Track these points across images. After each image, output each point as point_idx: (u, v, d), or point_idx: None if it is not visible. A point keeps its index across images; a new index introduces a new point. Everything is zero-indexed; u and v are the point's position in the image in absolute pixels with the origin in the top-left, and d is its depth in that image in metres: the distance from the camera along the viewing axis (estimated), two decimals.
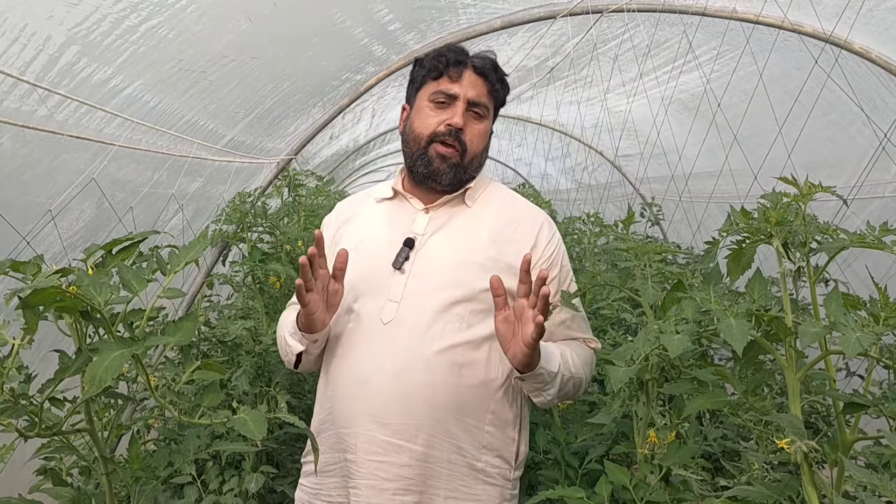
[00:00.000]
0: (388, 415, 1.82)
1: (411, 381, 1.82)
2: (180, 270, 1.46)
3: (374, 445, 1.82)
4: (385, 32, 3.80)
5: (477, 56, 1.98)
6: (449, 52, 1.96)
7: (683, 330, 1.67)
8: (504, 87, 2.03)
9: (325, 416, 1.95)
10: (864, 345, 1.44)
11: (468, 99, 1.92)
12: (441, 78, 1.94)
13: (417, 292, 1.88)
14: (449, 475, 1.86)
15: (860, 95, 4.28)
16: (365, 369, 1.85)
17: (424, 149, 1.94)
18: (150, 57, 2.41)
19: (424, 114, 1.95)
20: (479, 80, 1.95)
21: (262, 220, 3.90)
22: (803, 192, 1.73)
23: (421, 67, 2.00)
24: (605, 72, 5.56)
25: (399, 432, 1.82)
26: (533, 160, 11.04)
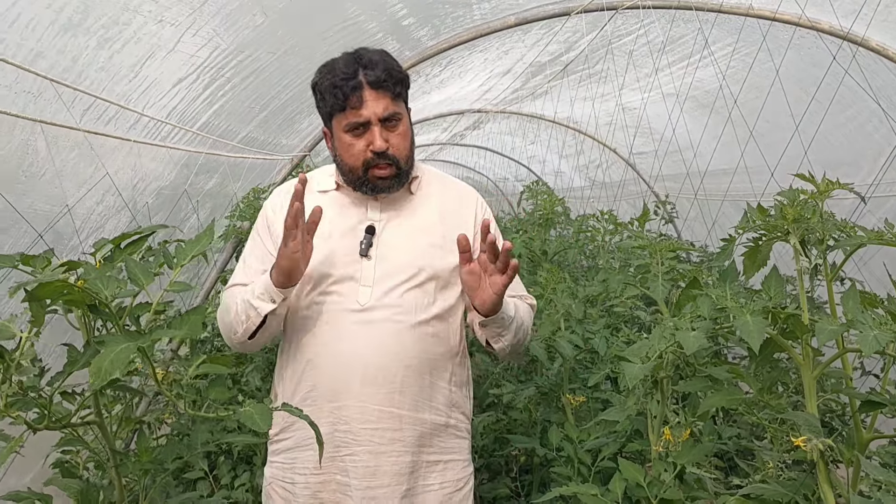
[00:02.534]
0: (377, 386, 2.00)
1: (393, 355, 2.02)
2: (186, 264, 1.45)
3: (367, 414, 2.00)
4: (399, 27, 3.78)
5: (367, 66, 2.01)
6: (343, 81, 1.99)
7: (699, 327, 1.66)
8: (404, 85, 2.08)
9: (308, 394, 2.04)
10: (881, 343, 1.42)
11: (379, 118, 2.00)
12: (346, 109, 2.00)
13: (387, 275, 2.05)
14: (432, 433, 2.08)
15: (878, 93, 4.24)
16: (349, 349, 2.01)
17: (364, 176, 2.05)
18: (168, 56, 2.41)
19: (346, 144, 2.04)
20: (379, 93, 2.00)
21: None
22: (821, 189, 1.71)
23: (322, 99, 2.05)
24: (620, 68, 5.52)
25: (387, 400, 2.01)
26: (546, 157, 11.00)
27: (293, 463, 2.06)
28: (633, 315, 3.68)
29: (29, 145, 2.19)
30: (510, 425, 3.67)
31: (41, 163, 2.28)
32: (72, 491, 1.54)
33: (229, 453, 3.36)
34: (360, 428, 2.00)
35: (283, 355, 2.13)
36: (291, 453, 2.06)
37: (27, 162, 2.24)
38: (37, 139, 2.19)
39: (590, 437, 2.77)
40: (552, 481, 2.90)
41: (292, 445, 2.06)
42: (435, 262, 2.08)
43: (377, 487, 2.01)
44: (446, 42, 4.22)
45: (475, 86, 6.55)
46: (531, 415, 3.59)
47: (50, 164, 2.30)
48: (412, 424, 2.04)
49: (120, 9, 2.20)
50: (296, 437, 2.05)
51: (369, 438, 2.01)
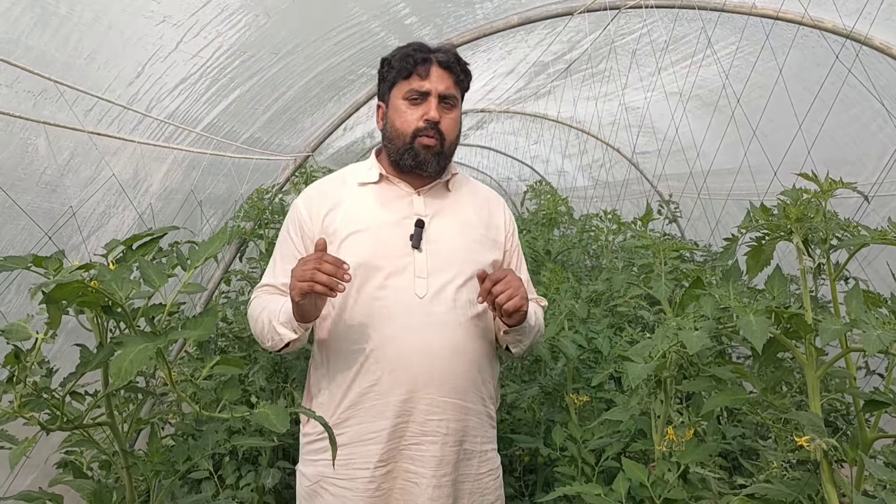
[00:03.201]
0: (442, 378, 2.07)
1: (457, 348, 2.09)
2: (200, 265, 1.47)
3: (435, 406, 2.07)
4: (402, 27, 3.79)
5: (440, 51, 2.15)
6: (415, 51, 2.12)
7: (702, 327, 1.67)
8: (467, 76, 2.20)
9: (370, 388, 2.06)
10: (885, 342, 1.43)
11: (439, 93, 2.11)
12: (411, 77, 2.11)
13: (439, 269, 2.10)
14: (478, 423, 2.17)
15: (882, 92, 4.24)
16: (415, 340, 2.05)
17: (410, 143, 2.11)
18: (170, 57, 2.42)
19: (402, 111, 2.12)
20: (445, 73, 2.12)
21: (280, 217, 3.92)
22: (824, 188, 1.72)
23: (390, 68, 2.16)
24: (623, 67, 5.53)
25: (455, 392, 2.09)
26: (550, 157, 11.00)
27: (351, 458, 2.07)
28: (637, 315, 3.70)
29: (29, 144, 2.20)
30: (514, 425, 3.68)
31: (41, 161, 2.29)
32: (85, 491, 1.56)
33: (234, 454, 3.37)
34: (426, 419, 2.07)
35: (330, 351, 2.13)
36: (347, 449, 2.07)
37: (27, 161, 2.24)
38: (38, 138, 2.20)
39: (593, 436, 2.78)
40: (556, 481, 2.91)
41: (348, 441, 2.07)
42: (479, 258, 2.17)
43: (443, 476, 2.09)
44: (449, 42, 4.23)
45: (478, 86, 6.56)
46: (535, 414, 3.60)
47: (51, 163, 2.31)
48: (468, 415, 2.13)
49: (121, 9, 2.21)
50: (351, 433, 2.07)
51: (436, 429, 2.08)
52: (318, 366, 2.17)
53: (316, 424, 2.12)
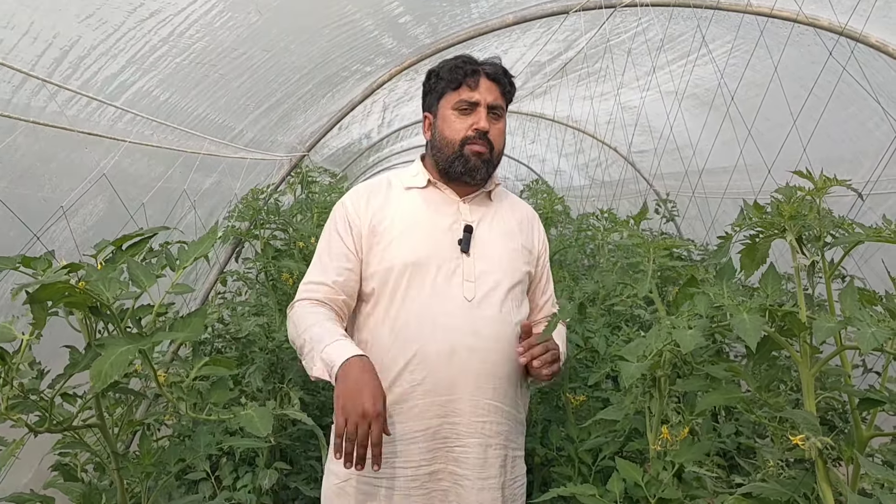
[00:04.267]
0: (489, 381, 2.11)
1: (501, 351, 2.13)
2: (189, 266, 1.45)
3: (480, 408, 2.10)
4: (396, 25, 3.78)
5: (487, 63, 2.22)
6: (464, 63, 2.18)
7: (696, 325, 1.66)
8: (513, 88, 2.27)
9: (414, 387, 2.07)
10: (879, 340, 1.42)
11: (488, 103, 2.17)
12: (460, 88, 2.17)
13: (486, 273, 2.17)
14: (514, 428, 2.21)
15: (878, 90, 4.23)
16: (463, 342, 2.08)
17: (459, 151, 2.17)
18: (160, 50, 2.40)
19: (451, 121, 2.18)
20: (493, 85, 2.19)
21: (275, 217, 3.91)
22: (818, 185, 1.71)
23: (438, 79, 2.22)
24: (619, 66, 5.52)
25: (497, 396, 2.13)
26: (546, 156, 11.00)
27: (393, 458, 2.07)
28: (634, 314, 3.69)
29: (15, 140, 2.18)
30: None
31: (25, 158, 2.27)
32: (74, 494, 1.55)
33: (231, 454, 3.36)
34: (471, 420, 2.09)
35: (373, 347, 2.11)
36: (388, 447, 2.03)
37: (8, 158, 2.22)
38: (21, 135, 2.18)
39: (590, 436, 2.77)
40: (553, 481, 2.91)
41: (389, 440, 2.04)
42: (520, 266, 2.25)
43: (487, 479, 2.11)
44: (444, 41, 4.22)
45: None
46: (532, 414, 3.59)
47: (35, 160, 2.30)
48: (508, 420, 2.16)
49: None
50: (397, 430, 2.07)
51: (480, 430, 2.10)
52: (371, 344, 2.14)
53: None
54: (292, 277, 3.86)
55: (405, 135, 10.15)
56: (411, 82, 5.60)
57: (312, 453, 3.84)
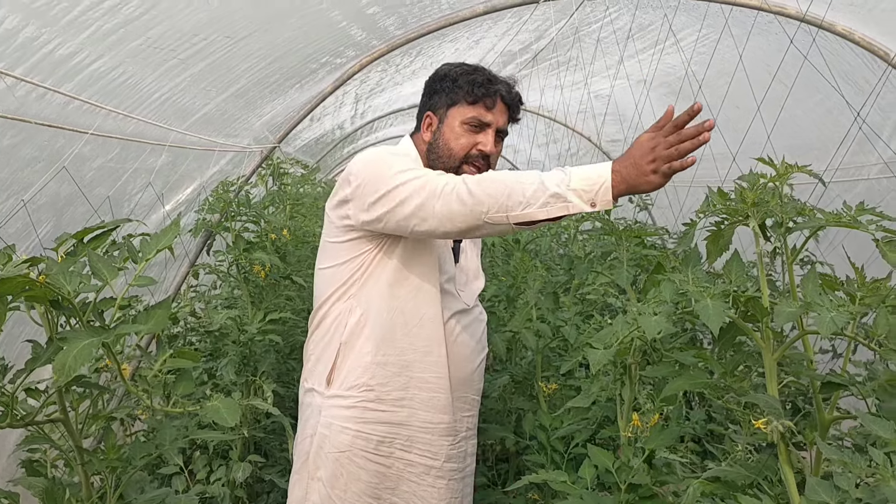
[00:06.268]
0: (478, 378, 2.33)
1: (482, 354, 2.34)
2: (152, 259, 1.44)
3: (467, 403, 2.29)
4: (364, 16, 3.76)
5: (504, 83, 2.22)
6: (488, 82, 2.17)
7: (661, 312, 1.67)
8: (519, 113, 2.30)
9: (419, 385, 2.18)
10: (838, 324, 1.44)
11: (498, 127, 2.20)
12: (477, 104, 2.16)
13: (469, 280, 2.36)
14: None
15: (846, 77, 4.27)
16: (471, 345, 2.28)
17: (456, 168, 2.16)
18: (115, 34, 2.34)
19: (458, 134, 2.17)
20: (506, 108, 2.22)
21: (247, 210, 3.89)
22: (780, 172, 1.73)
23: (454, 86, 2.19)
24: (589, 56, 5.53)
25: (477, 391, 2.34)
26: (520, 146, 11.02)
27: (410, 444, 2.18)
28: (607, 302, 3.71)
29: None
30: (485, 414, 3.69)
31: None
32: (36, 489, 1.53)
33: (205, 448, 3.35)
34: (462, 416, 2.26)
35: (382, 340, 2.14)
36: (406, 430, 2.17)
37: None
38: None
39: (563, 424, 2.79)
40: (527, 469, 2.92)
41: (404, 421, 2.17)
42: (482, 274, 2.46)
43: (467, 468, 2.31)
44: (415, 31, 4.21)
45: None
46: (506, 403, 3.61)
47: None
48: (477, 412, 2.38)
49: None
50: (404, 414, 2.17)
51: (467, 426, 2.30)
52: (370, 330, 2.14)
53: (352, 387, 2.13)
54: (264, 270, 3.85)
55: (379, 126, 10.13)
56: (383, 73, 5.59)
57: (287, 445, 3.84)
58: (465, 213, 1.83)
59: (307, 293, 4.60)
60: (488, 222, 1.82)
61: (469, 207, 1.82)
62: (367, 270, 2.14)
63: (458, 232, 1.90)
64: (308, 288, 4.14)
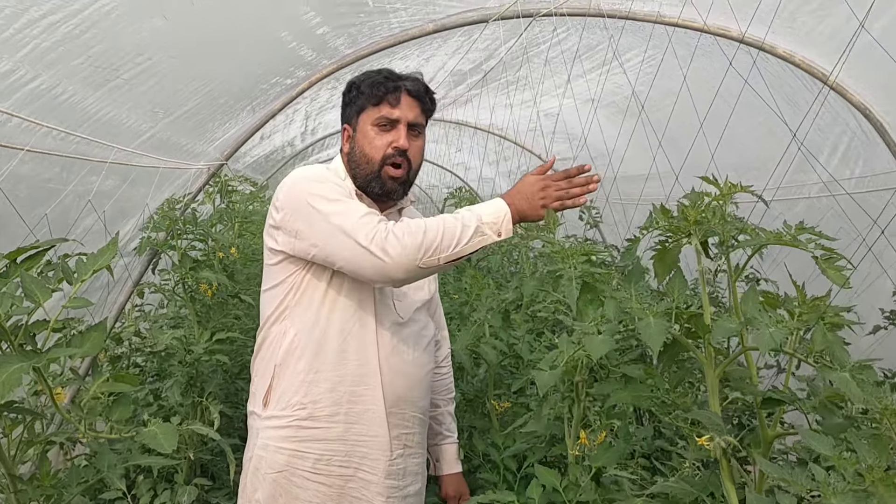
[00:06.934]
0: (420, 396, 2.26)
1: (428, 367, 2.29)
2: (88, 280, 1.41)
3: (408, 420, 2.23)
4: (314, 36, 3.75)
5: (409, 79, 2.22)
6: (385, 80, 2.18)
7: (605, 330, 1.68)
8: (434, 105, 2.28)
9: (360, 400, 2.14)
10: (776, 340, 1.46)
11: (408, 121, 2.18)
12: (381, 104, 2.17)
13: (403, 294, 2.26)
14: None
15: (786, 98, 4.37)
16: (408, 360, 2.21)
17: (377, 172, 2.17)
18: (55, 52, 2.29)
19: (370, 137, 2.17)
20: (414, 102, 2.19)
21: (193, 228, 3.83)
22: (724, 191, 1.76)
23: (359, 93, 2.21)
24: (538, 75, 5.59)
25: (421, 409, 2.28)
26: (471, 164, 11.07)
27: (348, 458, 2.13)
28: (557, 319, 3.72)
29: None
30: None
31: None
32: None
33: (149, 471, 3.28)
34: (401, 433, 2.21)
35: (314, 357, 2.12)
36: (337, 445, 2.12)
37: None
38: None
39: (514, 442, 2.79)
40: (479, 488, 2.91)
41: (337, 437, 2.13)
42: (429, 287, 2.38)
43: (408, 486, 2.25)
44: (365, 50, 4.21)
45: None
46: (458, 422, 3.59)
47: None
48: (425, 429, 2.34)
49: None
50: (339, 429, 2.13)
51: (405, 443, 2.23)
52: (304, 348, 2.13)
53: (287, 406, 2.12)
54: (211, 289, 3.79)
55: (331, 143, 10.08)
56: (333, 91, 5.57)
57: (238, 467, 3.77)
58: (395, 264, 1.92)
59: (256, 311, 4.53)
60: (422, 268, 1.93)
61: (401, 259, 1.91)
62: (299, 290, 2.13)
63: (390, 282, 2.00)
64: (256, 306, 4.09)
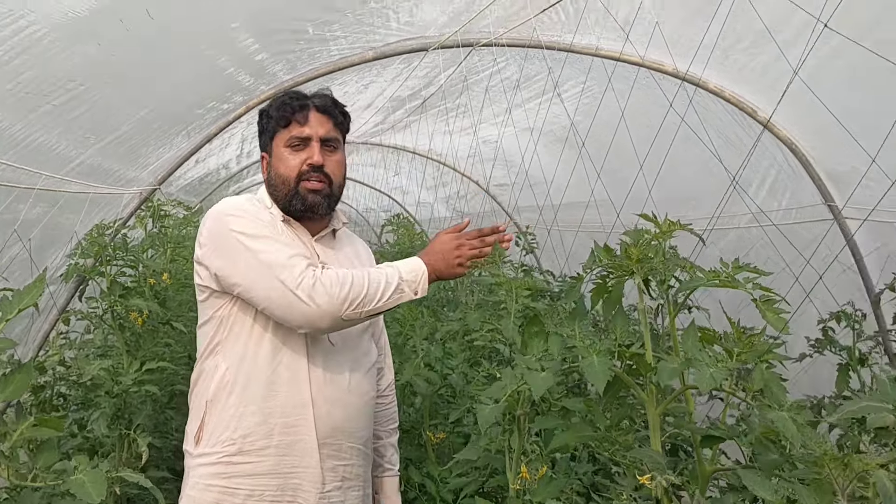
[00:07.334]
0: (357, 426, 2.16)
1: (364, 396, 2.19)
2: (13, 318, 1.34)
3: (344, 452, 2.14)
4: (252, 63, 3.72)
5: (316, 96, 2.20)
6: (291, 99, 2.16)
7: (548, 367, 1.68)
8: (346, 118, 2.25)
9: (289, 424, 2.06)
10: (717, 380, 1.47)
11: (320, 137, 2.14)
12: (290, 124, 2.14)
13: None
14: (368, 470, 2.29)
15: (718, 132, 4.49)
16: (341, 389, 2.12)
17: (295, 189, 2.12)
18: None
19: (285, 158, 2.14)
20: (324, 117, 2.16)
21: (123, 254, 3.72)
22: (663, 229, 1.78)
23: (269, 118, 2.19)
24: (478, 103, 5.63)
25: (361, 439, 2.19)
26: (409, 188, 11.08)
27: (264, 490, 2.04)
28: (494, 348, 3.72)
29: None
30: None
31: None
32: None
33: None
34: (335, 464, 2.12)
35: (244, 391, 2.05)
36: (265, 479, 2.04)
37: None
38: None
39: (451, 474, 2.76)
40: None
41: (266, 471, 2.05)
42: None
43: None
44: (304, 76, 4.19)
45: None
46: None
47: None
48: (366, 461, 2.24)
49: None
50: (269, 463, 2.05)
51: (342, 475, 2.14)
52: (234, 383, 2.07)
53: (217, 443, 2.05)
54: (142, 317, 3.68)
55: None
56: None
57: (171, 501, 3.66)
58: (322, 313, 1.92)
59: (187, 338, 4.44)
60: (344, 319, 1.94)
61: (328, 308, 1.92)
62: (228, 324, 2.08)
63: (313, 330, 1.98)
64: (188, 333, 4.01)
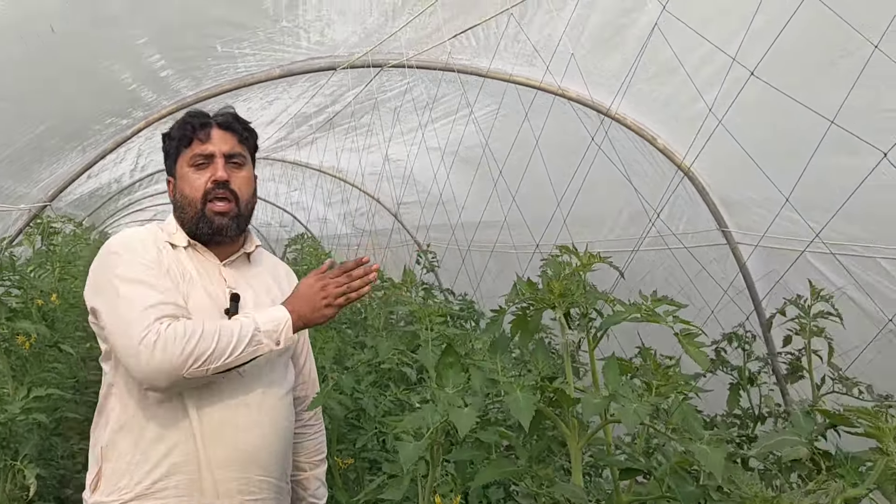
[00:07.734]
0: (270, 458, 2.03)
1: (276, 425, 2.05)
2: None
3: (245, 485, 1.97)
4: (157, 79, 3.60)
5: (218, 114, 2.14)
6: (192, 118, 2.09)
7: (472, 403, 1.65)
8: (252, 134, 2.18)
9: (187, 460, 1.93)
10: (641, 416, 1.48)
11: (224, 153, 2.07)
12: (193, 143, 2.06)
13: None
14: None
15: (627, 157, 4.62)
16: (254, 419, 1.98)
17: (201, 211, 2.04)
18: None
19: (189, 178, 2.06)
20: (227, 134, 2.09)
21: (10, 273, 3.52)
22: (584, 262, 1.79)
23: (171, 140, 2.11)
24: (386, 122, 5.61)
25: (275, 471, 2.05)
26: (311, 205, 10.94)
27: None
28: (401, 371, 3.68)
29: None
30: None
31: None
32: None
33: None
34: (248, 500, 1.98)
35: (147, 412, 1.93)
36: None
37: None
38: None
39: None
40: None
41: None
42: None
43: None
44: (208, 91, 4.09)
45: None
46: None
47: None
48: (281, 494, 2.10)
49: None
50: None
51: None
52: (129, 426, 1.94)
53: (112, 490, 1.92)
54: (29, 340, 3.49)
55: (160, 178, 9.73)
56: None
57: None
58: (157, 371, 1.79)
59: (74, 360, 4.25)
60: (187, 378, 1.81)
61: (163, 366, 1.79)
62: (119, 363, 1.94)
63: (152, 388, 1.86)
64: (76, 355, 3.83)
